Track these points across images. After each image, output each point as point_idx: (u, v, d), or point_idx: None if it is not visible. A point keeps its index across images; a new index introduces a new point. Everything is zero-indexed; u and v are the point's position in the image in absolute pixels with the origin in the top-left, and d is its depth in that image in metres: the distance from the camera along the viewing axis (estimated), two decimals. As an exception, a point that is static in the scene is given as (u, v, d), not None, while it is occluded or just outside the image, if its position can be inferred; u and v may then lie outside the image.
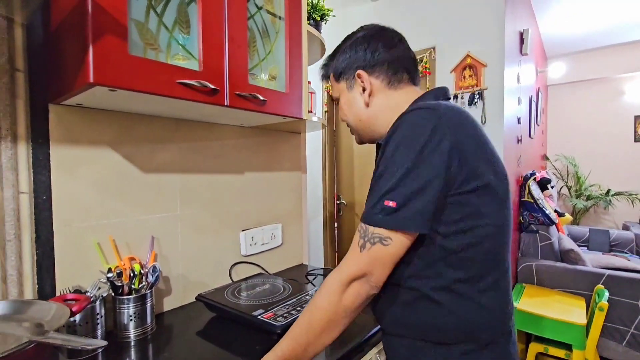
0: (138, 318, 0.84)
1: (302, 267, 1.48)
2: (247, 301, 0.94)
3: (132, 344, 0.82)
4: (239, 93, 0.84)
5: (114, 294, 0.83)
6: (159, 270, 0.90)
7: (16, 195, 0.75)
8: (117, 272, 0.83)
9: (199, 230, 1.12)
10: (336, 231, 3.06)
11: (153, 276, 0.88)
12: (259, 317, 0.83)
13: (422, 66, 2.40)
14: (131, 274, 0.85)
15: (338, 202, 3.03)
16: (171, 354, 0.78)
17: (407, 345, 0.66)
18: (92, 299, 0.78)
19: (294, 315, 0.84)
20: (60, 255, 0.81)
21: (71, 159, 0.83)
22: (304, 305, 0.90)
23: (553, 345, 2.06)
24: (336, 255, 3.05)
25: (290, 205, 1.49)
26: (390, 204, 0.56)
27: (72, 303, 0.68)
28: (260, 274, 1.23)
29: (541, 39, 3.79)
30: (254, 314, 0.85)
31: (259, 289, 1.03)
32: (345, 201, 3.01)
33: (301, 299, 0.94)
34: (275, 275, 1.25)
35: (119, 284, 0.83)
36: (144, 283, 0.87)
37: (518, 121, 2.64)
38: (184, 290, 1.07)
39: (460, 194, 0.58)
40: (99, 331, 0.81)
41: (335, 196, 3.03)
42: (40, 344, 0.46)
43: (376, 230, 0.58)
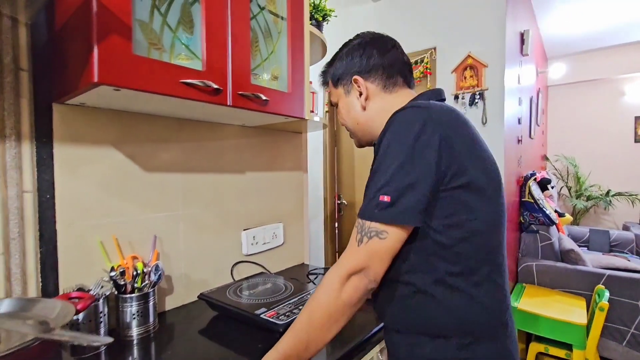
0: (141, 316, 0.84)
1: (303, 267, 1.48)
2: (249, 300, 0.94)
3: (135, 342, 0.82)
4: (242, 93, 0.85)
5: (116, 293, 0.83)
6: (162, 269, 0.91)
7: (20, 194, 0.75)
8: (120, 271, 0.83)
9: (200, 229, 1.12)
10: (337, 231, 3.06)
11: (156, 275, 0.89)
12: (261, 316, 0.83)
13: (423, 66, 2.41)
14: (134, 273, 0.85)
15: (339, 202, 3.03)
16: (174, 352, 0.78)
17: (407, 339, 0.67)
18: (96, 297, 0.78)
19: (296, 314, 0.84)
20: (63, 253, 0.81)
21: (74, 158, 0.83)
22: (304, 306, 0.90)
23: (553, 345, 2.07)
24: (336, 255, 3.05)
25: (291, 204, 1.49)
26: (385, 198, 0.58)
27: (76, 301, 0.68)
28: (261, 273, 1.24)
29: (541, 39, 3.80)
30: (256, 312, 0.85)
31: (260, 288, 1.04)
32: (345, 201, 3.01)
33: (303, 298, 0.95)
34: (277, 275, 1.26)
35: (122, 283, 0.83)
36: (146, 282, 0.87)
37: (518, 121, 2.65)
38: (186, 289, 1.07)
39: (450, 189, 0.60)
40: (102, 329, 0.81)
41: (335, 196, 3.03)
42: (45, 341, 0.46)
43: (372, 224, 0.59)
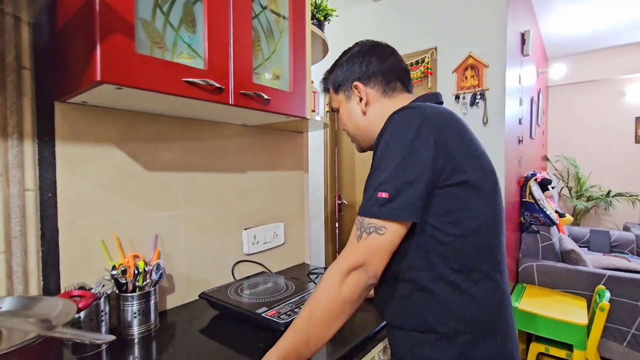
0: (142, 315, 0.84)
1: (304, 266, 1.48)
2: (250, 299, 0.94)
3: (136, 341, 0.82)
4: (244, 92, 0.85)
5: (118, 292, 0.83)
6: (163, 268, 0.91)
7: (22, 193, 0.75)
8: (122, 270, 0.83)
9: (202, 228, 1.12)
10: (337, 231, 3.06)
11: (157, 274, 0.89)
12: (262, 315, 0.83)
13: (424, 66, 2.41)
14: (135, 272, 0.85)
15: (339, 202, 3.03)
16: (175, 351, 0.78)
17: (407, 338, 0.68)
18: (97, 295, 0.78)
19: (297, 314, 0.84)
20: (65, 252, 0.81)
21: (76, 157, 0.83)
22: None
23: (554, 345, 2.07)
24: (337, 255, 3.05)
25: (292, 204, 1.49)
26: (384, 195, 0.60)
27: (78, 299, 0.68)
28: (262, 273, 1.24)
29: (542, 40, 3.80)
30: (257, 311, 0.85)
31: (261, 287, 1.04)
32: (346, 201, 3.01)
33: (304, 298, 0.95)
34: (277, 274, 1.26)
35: (123, 282, 0.83)
36: (147, 281, 0.87)
37: (519, 122, 2.65)
38: (187, 288, 1.07)
39: (447, 187, 0.62)
40: (103, 328, 0.81)
41: (336, 196, 3.03)
42: (47, 339, 0.46)
43: (371, 221, 0.61)
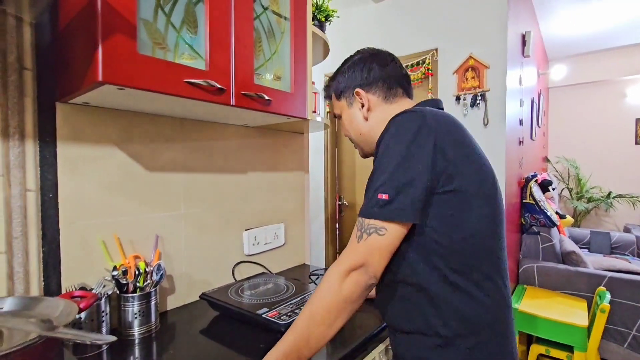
0: (142, 316, 0.84)
1: (305, 267, 1.48)
2: (251, 300, 0.94)
3: (137, 341, 0.82)
4: (245, 93, 0.85)
5: (118, 292, 0.83)
6: (164, 268, 0.91)
7: (23, 193, 0.75)
8: (123, 270, 0.83)
9: (202, 229, 1.12)
10: (337, 231, 3.06)
11: (158, 274, 0.89)
12: (263, 316, 0.83)
13: (425, 67, 2.41)
14: (136, 272, 0.85)
15: (339, 203, 3.03)
16: (175, 352, 0.78)
17: (411, 339, 0.68)
18: (98, 296, 0.78)
19: (298, 314, 0.84)
20: (65, 252, 0.81)
21: (77, 157, 0.83)
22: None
23: (554, 346, 2.06)
24: (337, 256, 3.05)
25: (292, 205, 1.49)
26: (384, 196, 0.61)
27: (79, 300, 0.68)
28: (263, 274, 1.24)
29: (543, 41, 3.80)
30: (258, 312, 0.85)
31: (262, 288, 1.04)
32: (346, 201, 3.01)
33: (304, 298, 0.95)
34: (278, 275, 1.26)
35: (124, 282, 0.83)
36: (148, 281, 0.87)
37: (520, 123, 2.65)
38: (187, 289, 1.07)
39: (446, 191, 0.62)
40: (104, 328, 0.81)
41: (336, 197, 3.03)
42: (48, 340, 0.46)
43: (372, 221, 0.62)
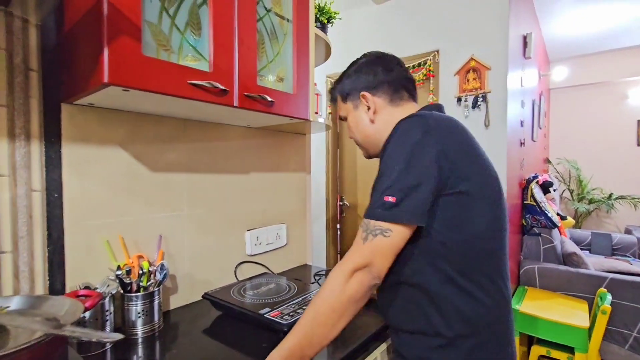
0: (146, 315, 0.85)
1: (306, 268, 1.49)
2: (254, 300, 0.95)
3: (140, 340, 0.83)
4: (248, 94, 0.86)
5: (122, 291, 0.84)
6: (167, 268, 0.91)
7: (29, 193, 0.76)
8: (126, 270, 0.84)
9: (205, 229, 1.13)
10: (339, 232, 3.07)
11: (161, 274, 0.89)
12: (265, 316, 0.84)
13: (426, 69, 2.42)
14: (140, 272, 0.86)
15: (341, 204, 3.04)
16: (178, 351, 0.79)
17: (414, 340, 0.69)
18: (103, 295, 0.79)
19: (300, 314, 0.84)
20: (70, 252, 0.82)
21: (82, 158, 0.84)
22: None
23: (555, 348, 2.06)
24: (338, 256, 3.06)
25: (294, 206, 1.50)
26: (390, 199, 0.61)
27: (84, 299, 0.69)
28: (265, 274, 1.24)
29: (544, 42, 3.80)
30: (260, 312, 0.85)
31: (264, 288, 1.04)
32: (348, 202, 3.01)
33: (306, 298, 0.95)
34: (280, 275, 1.26)
35: (128, 282, 0.84)
36: (152, 281, 0.88)
37: (521, 124, 2.65)
38: (190, 289, 1.08)
39: (451, 194, 0.63)
40: (108, 327, 0.82)
41: (338, 197, 3.04)
42: (56, 337, 0.47)
43: (377, 223, 0.62)
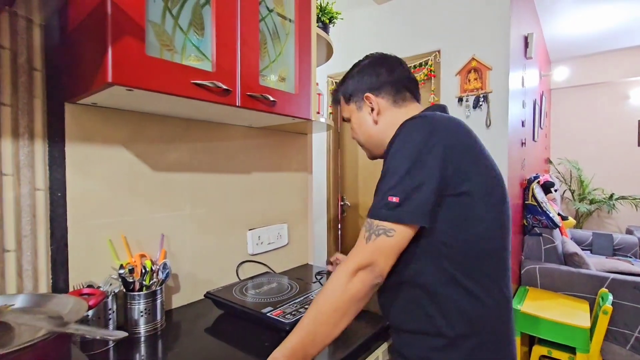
0: (148, 314, 0.85)
1: (307, 267, 1.49)
2: (255, 299, 0.95)
3: (142, 339, 0.83)
4: (250, 94, 0.86)
5: (125, 290, 0.84)
6: (169, 267, 0.92)
7: (32, 192, 0.76)
8: (129, 269, 0.84)
9: (207, 228, 1.13)
10: (340, 232, 3.07)
11: (163, 273, 0.90)
12: (268, 315, 0.84)
13: (427, 69, 2.42)
14: (142, 271, 0.86)
15: (342, 204, 3.04)
16: (181, 350, 0.79)
17: (415, 340, 0.69)
18: (107, 294, 0.79)
19: (302, 313, 0.84)
20: (73, 251, 0.82)
21: (85, 157, 0.84)
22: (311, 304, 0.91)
23: (556, 348, 2.06)
24: (339, 256, 3.05)
25: (296, 205, 1.50)
26: (394, 199, 0.62)
27: (88, 297, 0.69)
28: (266, 273, 1.25)
29: (545, 43, 3.80)
30: (262, 311, 0.86)
31: (266, 287, 1.05)
32: (349, 202, 3.02)
33: (308, 298, 0.96)
34: (281, 274, 1.27)
35: (131, 280, 0.84)
36: (154, 280, 0.88)
37: (522, 124, 2.65)
38: (192, 288, 1.08)
39: (455, 195, 0.63)
40: (111, 326, 0.82)
41: (339, 197, 3.04)
42: (61, 335, 0.47)
43: (381, 223, 0.63)
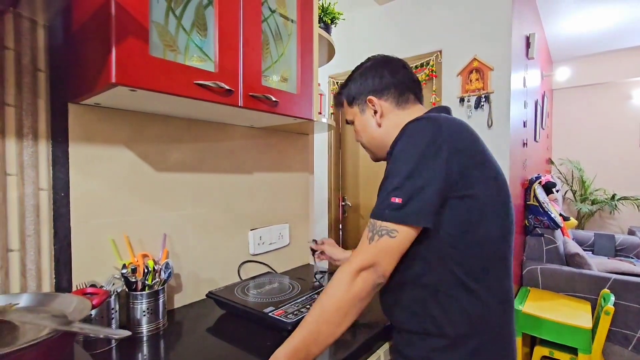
0: (151, 313, 0.85)
1: (309, 267, 1.49)
2: (257, 299, 0.95)
3: (145, 339, 0.84)
4: (253, 94, 0.86)
5: (127, 290, 0.85)
6: (172, 267, 0.92)
7: (36, 192, 0.77)
8: (132, 268, 0.84)
9: (209, 228, 1.13)
10: (341, 232, 3.07)
11: (166, 273, 0.90)
12: (270, 314, 0.84)
13: (429, 69, 2.42)
14: (145, 270, 0.86)
15: (343, 204, 3.04)
16: (183, 349, 0.80)
17: (417, 340, 0.69)
18: (110, 293, 0.80)
19: (304, 313, 0.85)
20: (76, 250, 0.83)
21: (88, 157, 0.85)
22: (313, 303, 0.91)
23: (558, 349, 2.06)
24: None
25: (297, 206, 1.51)
26: (397, 200, 0.62)
27: (91, 297, 0.69)
28: (268, 273, 1.25)
29: (547, 43, 3.80)
30: (264, 311, 0.86)
31: (267, 287, 1.05)
32: (350, 203, 3.02)
33: (310, 297, 0.96)
34: (283, 274, 1.27)
35: (133, 280, 0.84)
36: (157, 279, 0.88)
37: (524, 125, 2.65)
38: (194, 288, 1.08)
39: (459, 197, 0.63)
40: (114, 325, 0.82)
41: (340, 198, 3.04)
42: (65, 334, 0.47)
43: (384, 224, 0.63)
